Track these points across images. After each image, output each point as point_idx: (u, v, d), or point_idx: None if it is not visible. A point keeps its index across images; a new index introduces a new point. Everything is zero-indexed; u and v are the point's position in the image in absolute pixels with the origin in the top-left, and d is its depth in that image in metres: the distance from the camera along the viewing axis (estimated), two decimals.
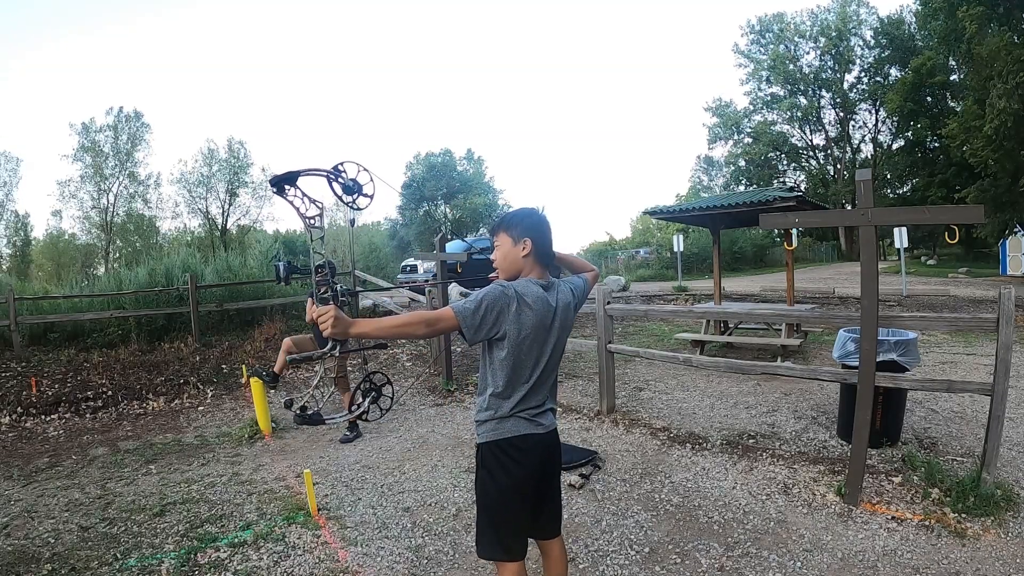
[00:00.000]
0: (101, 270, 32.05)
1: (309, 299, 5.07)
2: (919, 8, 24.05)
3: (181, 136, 75.28)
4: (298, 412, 3.43)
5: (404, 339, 1.87)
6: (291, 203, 2.58)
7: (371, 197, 2.47)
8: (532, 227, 1.89)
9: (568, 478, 3.61)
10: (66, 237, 38.03)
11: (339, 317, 1.67)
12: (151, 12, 61.14)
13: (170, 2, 63.49)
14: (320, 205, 2.56)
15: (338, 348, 4.94)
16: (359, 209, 2.45)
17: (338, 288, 1.83)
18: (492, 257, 1.95)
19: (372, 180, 2.36)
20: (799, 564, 2.66)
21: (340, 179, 2.41)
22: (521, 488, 1.86)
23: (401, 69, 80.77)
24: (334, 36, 77.83)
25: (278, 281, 2.15)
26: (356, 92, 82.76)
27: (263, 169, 38.82)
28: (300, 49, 76.12)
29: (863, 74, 36.00)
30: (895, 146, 35.22)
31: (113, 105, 38.06)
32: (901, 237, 13.37)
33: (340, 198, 2.44)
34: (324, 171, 2.42)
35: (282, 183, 2.60)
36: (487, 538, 1.88)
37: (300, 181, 2.46)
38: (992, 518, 2.91)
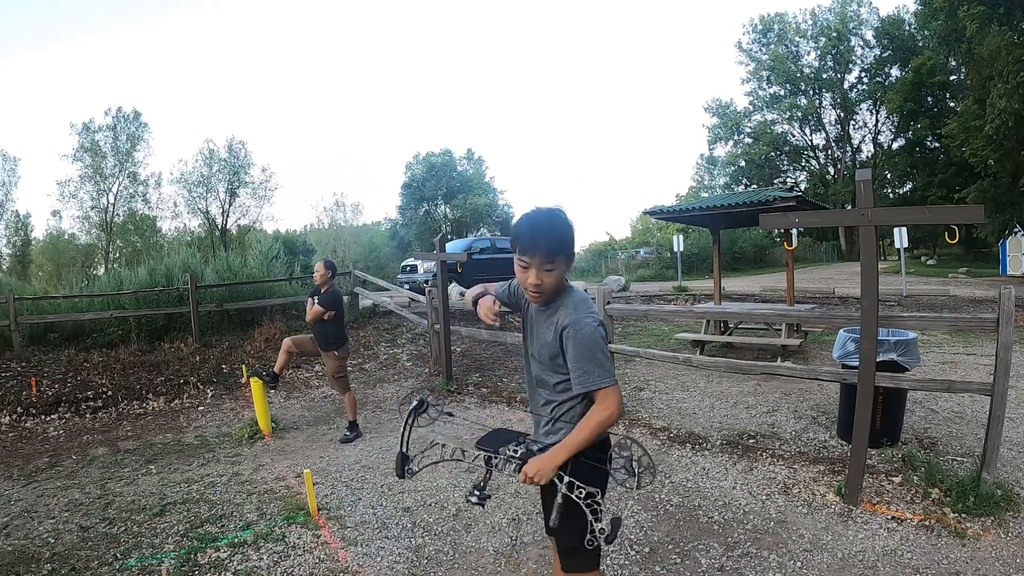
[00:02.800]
0: (101, 270, 32.07)
1: (309, 299, 5.08)
2: (919, 8, 24.06)
3: (181, 136, 75.41)
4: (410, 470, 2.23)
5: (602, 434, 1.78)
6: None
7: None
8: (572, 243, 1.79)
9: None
10: (66, 237, 38.05)
11: (541, 468, 1.58)
12: (154, 14, 61.16)
13: (174, 6, 63.48)
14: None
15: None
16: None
17: (532, 448, 1.68)
18: (538, 281, 1.64)
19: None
20: (799, 564, 2.66)
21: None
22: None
23: (401, 69, 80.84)
24: (335, 36, 77.87)
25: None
26: (356, 92, 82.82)
27: (263, 169, 38.88)
28: (300, 49, 76.17)
29: (863, 74, 36.01)
30: (895, 146, 35.26)
31: (112, 105, 38.08)
32: (901, 237, 13.37)
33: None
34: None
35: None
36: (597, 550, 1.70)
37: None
38: (992, 518, 2.91)
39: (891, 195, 33.78)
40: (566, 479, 1.59)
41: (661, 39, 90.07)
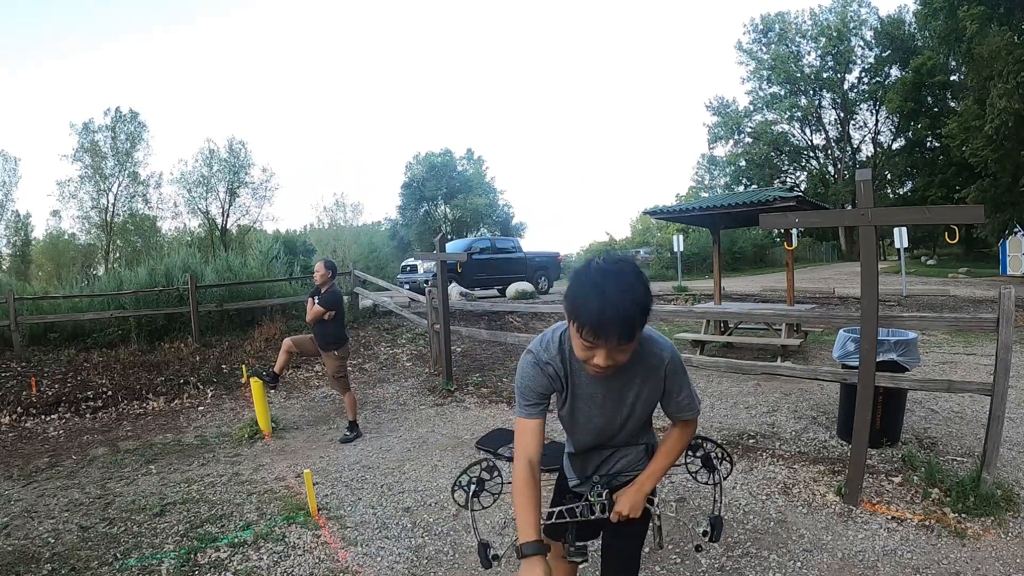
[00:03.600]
0: (101, 270, 32.06)
1: (309, 299, 5.08)
2: (919, 8, 24.04)
3: (181, 136, 75.41)
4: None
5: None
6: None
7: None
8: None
9: None
10: (66, 237, 38.06)
11: (635, 503, 1.59)
12: (155, 14, 61.14)
13: (174, 6, 63.46)
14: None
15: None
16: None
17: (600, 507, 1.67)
18: (609, 363, 1.34)
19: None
20: (799, 564, 2.66)
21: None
22: None
23: (401, 69, 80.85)
24: (335, 36, 77.87)
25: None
26: (357, 92, 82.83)
27: (263, 169, 38.90)
28: (301, 49, 76.17)
29: (863, 74, 36.02)
30: (895, 146, 35.27)
31: (110, 106, 38.10)
32: (901, 237, 13.36)
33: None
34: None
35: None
36: None
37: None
38: (992, 518, 2.91)
39: (891, 195, 33.80)
40: (656, 500, 1.64)
41: (661, 38, 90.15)
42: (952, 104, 27.40)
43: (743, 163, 39.07)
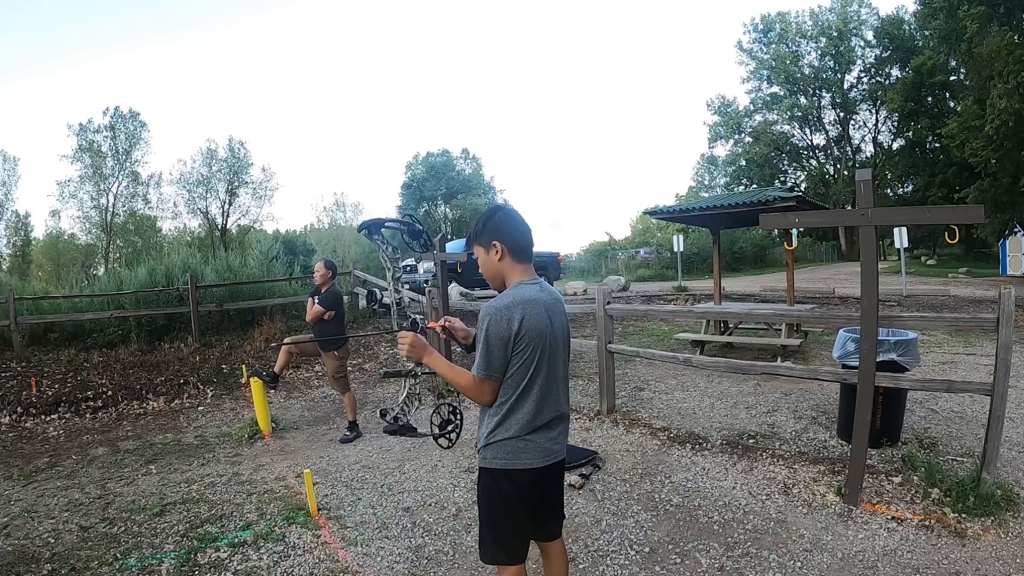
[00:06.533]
0: (101, 270, 32.04)
1: (309, 299, 5.09)
2: (919, 8, 24.02)
3: (181, 136, 75.41)
4: (390, 422, 4.37)
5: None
6: (376, 244, 4.20)
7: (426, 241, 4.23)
8: (496, 228, 1.81)
9: (568, 478, 3.61)
10: (66, 237, 38.03)
11: (415, 344, 1.84)
12: (155, 13, 61.11)
13: (174, 6, 63.42)
14: (396, 248, 4.29)
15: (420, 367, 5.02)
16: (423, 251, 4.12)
17: (418, 319, 2.16)
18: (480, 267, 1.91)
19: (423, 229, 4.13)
20: (799, 564, 2.66)
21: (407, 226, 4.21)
22: (528, 498, 1.84)
23: (401, 69, 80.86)
24: (335, 36, 77.87)
25: (371, 303, 3.33)
26: (357, 92, 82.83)
27: (263, 169, 38.85)
28: (301, 49, 76.17)
29: (863, 74, 35.99)
30: (895, 146, 35.23)
31: (109, 106, 37.91)
32: (901, 237, 13.37)
33: (408, 244, 4.32)
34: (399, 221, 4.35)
35: (369, 228, 4.18)
36: (490, 543, 1.87)
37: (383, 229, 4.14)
38: (992, 518, 2.91)
39: (891, 195, 33.79)
40: (419, 371, 2.29)
41: (662, 38, 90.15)
42: (952, 104, 27.37)
43: (743, 163, 39.01)
